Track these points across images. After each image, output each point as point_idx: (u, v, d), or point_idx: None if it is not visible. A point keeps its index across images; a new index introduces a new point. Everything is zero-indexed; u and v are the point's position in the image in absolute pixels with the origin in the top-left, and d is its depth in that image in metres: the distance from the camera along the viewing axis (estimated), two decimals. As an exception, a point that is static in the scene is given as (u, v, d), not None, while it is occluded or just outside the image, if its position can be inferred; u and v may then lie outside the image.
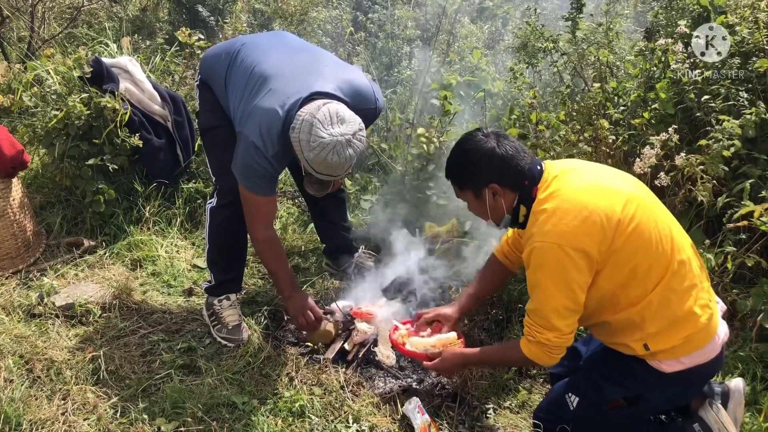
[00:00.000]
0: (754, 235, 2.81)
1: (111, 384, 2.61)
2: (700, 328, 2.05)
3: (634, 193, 2.09)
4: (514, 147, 2.16)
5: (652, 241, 2.02)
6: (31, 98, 3.96)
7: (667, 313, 2.04)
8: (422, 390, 2.65)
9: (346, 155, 2.41)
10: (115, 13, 6.27)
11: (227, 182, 2.74)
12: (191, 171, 4.18)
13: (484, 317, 3.02)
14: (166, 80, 4.83)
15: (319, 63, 2.72)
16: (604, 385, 2.22)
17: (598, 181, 2.11)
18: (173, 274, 3.50)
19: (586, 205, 2.00)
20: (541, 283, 2.05)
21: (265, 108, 2.51)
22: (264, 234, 2.73)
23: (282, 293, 2.90)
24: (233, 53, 2.78)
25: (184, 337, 2.96)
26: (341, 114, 2.41)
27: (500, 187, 2.16)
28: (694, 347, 2.07)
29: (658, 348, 2.07)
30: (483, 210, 2.25)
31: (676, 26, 3.38)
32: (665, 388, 2.15)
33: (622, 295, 2.07)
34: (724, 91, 3.06)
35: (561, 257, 1.98)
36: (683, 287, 2.05)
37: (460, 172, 2.23)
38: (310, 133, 2.38)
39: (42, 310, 3.04)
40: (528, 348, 2.16)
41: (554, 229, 2.00)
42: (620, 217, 2.00)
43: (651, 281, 2.04)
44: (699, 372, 2.12)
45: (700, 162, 2.86)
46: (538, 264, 2.04)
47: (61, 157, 3.68)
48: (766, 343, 2.75)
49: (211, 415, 2.44)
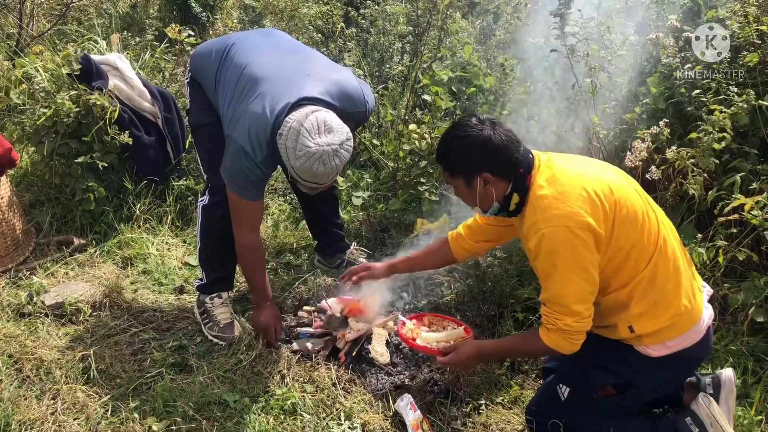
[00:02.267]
0: (744, 228, 2.82)
1: (101, 383, 2.59)
2: (683, 311, 2.08)
3: (617, 179, 2.13)
4: (508, 135, 2.16)
5: (643, 223, 2.06)
6: (19, 96, 3.93)
7: (652, 293, 2.07)
8: (414, 386, 2.64)
9: (332, 165, 2.41)
10: (104, 9, 6.22)
11: (219, 180, 2.72)
12: (181, 168, 4.16)
13: (476, 313, 3.02)
14: (156, 77, 4.80)
15: (309, 65, 2.72)
16: (592, 372, 2.24)
17: (586, 167, 2.15)
18: (164, 272, 3.48)
19: (584, 186, 2.02)
20: (556, 269, 2.03)
21: (255, 112, 2.50)
22: (248, 239, 2.72)
23: (254, 301, 2.89)
24: (224, 52, 2.77)
25: (175, 336, 2.95)
26: (329, 123, 2.41)
27: (493, 176, 2.15)
28: (679, 331, 2.09)
29: (642, 331, 2.09)
30: (472, 197, 2.23)
31: (666, 20, 3.39)
32: (654, 373, 2.17)
33: (614, 276, 2.09)
34: (715, 86, 3.06)
35: (571, 239, 1.98)
36: (668, 268, 2.09)
37: (454, 159, 2.20)
38: (297, 142, 2.37)
39: (31, 309, 3.02)
40: (548, 337, 2.12)
41: (559, 212, 2.00)
42: (617, 197, 2.03)
43: (642, 262, 2.07)
44: (686, 356, 2.14)
45: (691, 155, 2.87)
46: (549, 250, 2.02)
47: (50, 155, 3.65)
48: (756, 337, 2.76)
49: (203, 413, 2.43)
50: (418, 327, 2.70)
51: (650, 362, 2.13)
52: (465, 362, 2.37)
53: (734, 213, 2.76)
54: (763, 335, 2.77)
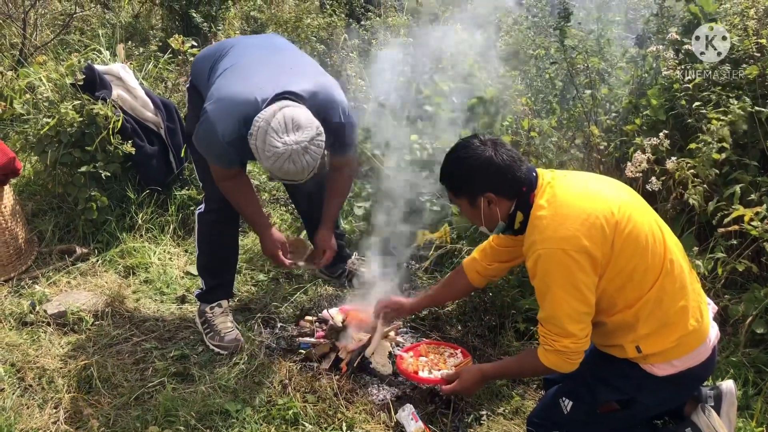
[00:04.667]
0: (745, 240, 2.83)
1: (103, 392, 2.60)
2: (691, 331, 2.07)
3: (624, 197, 2.13)
4: (511, 155, 2.16)
5: (648, 243, 2.05)
6: (23, 105, 3.95)
7: (659, 314, 2.06)
8: (416, 397, 2.64)
9: (302, 163, 2.37)
10: (107, 20, 6.26)
11: (215, 188, 2.73)
12: (184, 178, 4.17)
13: (477, 323, 3.02)
14: (158, 87, 4.82)
15: (298, 65, 2.71)
16: (597, 388, 2.23)
17: (590, 187, 2.14)
18: (166, 281, 3.49)
19: (584, 208, 2.02)
20: (550, 290, 2.05)
21: (235, 93, 2.50)
22: (224, 186, 2.71)
23: (256, 233, 2.90)
24: (220, 55, 2.78)
25: (177, 345, 2.95)
26: (297, 120, 2.36)
27: (496, 196, 2.16)
28: (686, 350, 2.08)
29: (650, 351, 2.08)
30: (477, 217, 2.25)
31: (667, 33, 3.41)
32: (658, 391, 2.16)
33: (619, 297, 2.08)
34: (715, 98, 3.08)
35: (566, 261, 1.99)
36: (675, 288, 2.08)
37: (456, 180, 2.22)
38: (265, 142, 2.35)
39: (34, 318, 3.03)
40: (546, 357, 2.14)
41: (555, 235, 2.01)
42: (618, 219, 2.02)
43: (647, 283, 2.06)
44: (691, 375, 2.14)
45: (690, 166, 2.88)
46: (544, 271, 2.04)
47: (53, 165, 3.67)
48: (757, 348, 2.77)
49: (205, 423, 2.43)
50: (416, 358, 2.72)
51: (655, 380, 2.12)
52: (470, 388, 2.42)
53: (734, 224, 2.77)
54: (763, 346, 2.77)
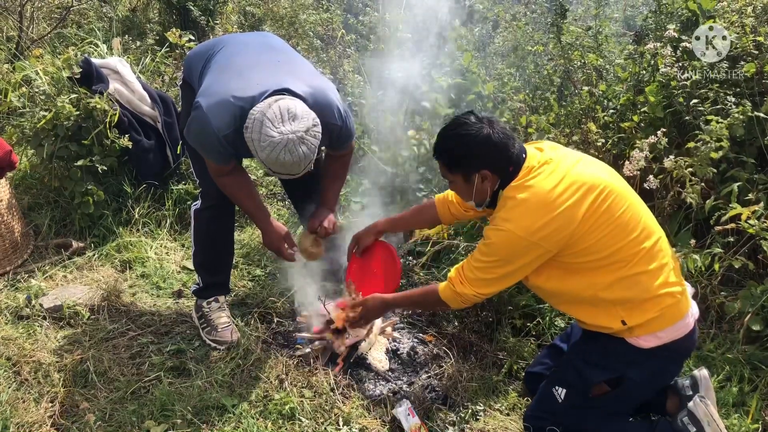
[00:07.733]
0: (741, 237, 2.84)
1: (99, 386, 2.59)
2: (672, 303, 2.16)
3: (607, 179, 2.17)
4: (505, 133, 2.21)
5: (626, 226, 2.12)
6: (19, 99, 3.93)
7: (639, 289, 2.14)
8: (412, 392, 2.65)
9: (299, 154, 2.34)
10: (104, 13, 6.23)
11: (211, 184, 2.72)
12: (181, 172, 4.16)
13: (474, 320, 3.03)
14: (156, 81, 4.80)
15: (294, 66, 2.70)
16: (586, 370, 2.29)
17: (571, 170, 2.15)
18: (162, 275, 3.48)
19: (554, 201, 2.08)
20: (490, 253, 2.18)
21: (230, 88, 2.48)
22: (221, 181, 2.68)
23: (258, 227, 2.88)
24: (212, 52, 2.75)
25: (173, 340, 2.95)
26: (293, 110, 2.34)
27: (491, 173, 2.20)
28: (670, 321, 2.16)
29: (634, 322, 2.16)
30: (468, 192, 2.29)
31: (665, 30, 3.41)
32: (645, 364, 2.23)
33: (600, 276, 2.16)
34: (713, 95, 3.09)
35: (516, 243, 2.11)
36: (654, 267, 2.15)
37: (454, 156, 2.24)
38: (261, 133, 2.32)
39: (30, 312, 3.02)
40: (444, 291, 2.31)
41: (517, 221, 2.10)
42: (592, 199, 2.08)
43: (626, 260, 2.13)
44: (676, 348, 2.21)
45: (688, 164, 2.89)
46: (493, 242, 2.16)
47: (49, 158, 3.65)
48: (753, 345, 2.78)
49: (201, 417, 2.43)
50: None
51: (642, 353, 2.20)
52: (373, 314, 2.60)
53: (731, 222, 2.78)
54: (759, 343, 2.78)
